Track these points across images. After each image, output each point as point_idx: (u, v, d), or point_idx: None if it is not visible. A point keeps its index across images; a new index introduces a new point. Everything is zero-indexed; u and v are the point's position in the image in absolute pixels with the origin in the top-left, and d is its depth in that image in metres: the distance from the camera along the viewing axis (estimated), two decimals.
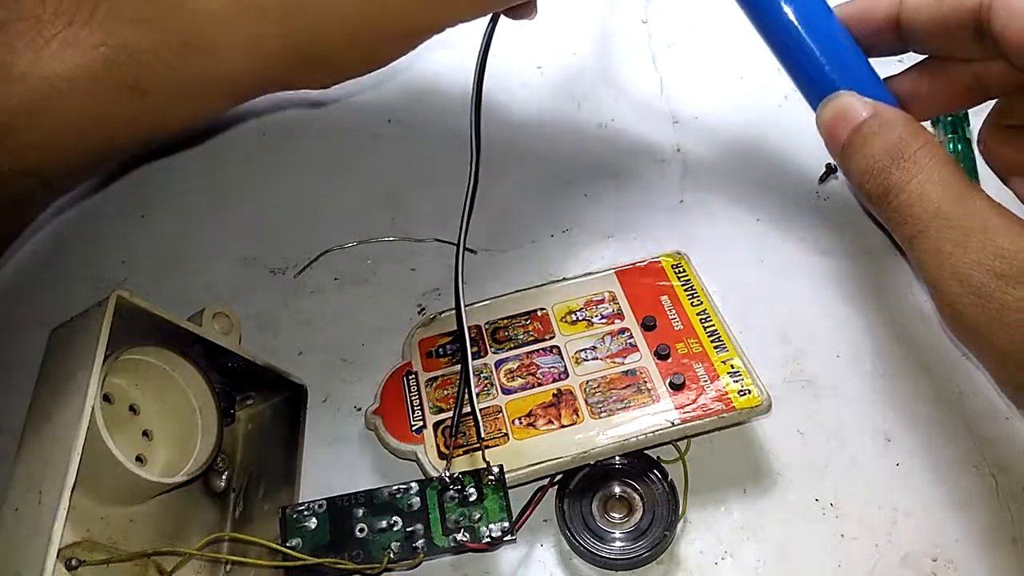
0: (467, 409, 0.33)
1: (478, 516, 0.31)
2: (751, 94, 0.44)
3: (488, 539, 0.30)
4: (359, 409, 0.36)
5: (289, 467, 0.34)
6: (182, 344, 0.32)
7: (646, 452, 0.33)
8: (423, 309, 0.39)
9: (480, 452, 0.32)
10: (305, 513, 0.31)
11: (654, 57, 0.45)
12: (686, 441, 0.33)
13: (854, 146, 0.32)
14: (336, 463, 0.35)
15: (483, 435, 0.33)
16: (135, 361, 0.31)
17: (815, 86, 0.35)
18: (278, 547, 0.30)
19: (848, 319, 0.37)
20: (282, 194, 0.43)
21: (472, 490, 0.31)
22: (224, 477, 0.34)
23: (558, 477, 0.33)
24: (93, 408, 0.28)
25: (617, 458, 0.33)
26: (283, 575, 0.31)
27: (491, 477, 0.31)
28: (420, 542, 0.30)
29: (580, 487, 0.33)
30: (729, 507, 0.33)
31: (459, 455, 0.33)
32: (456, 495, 0.31)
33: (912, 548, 0.32)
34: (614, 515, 0.32)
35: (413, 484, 0.31)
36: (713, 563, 0.32)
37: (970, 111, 0.40)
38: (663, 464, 0.33)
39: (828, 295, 0.38)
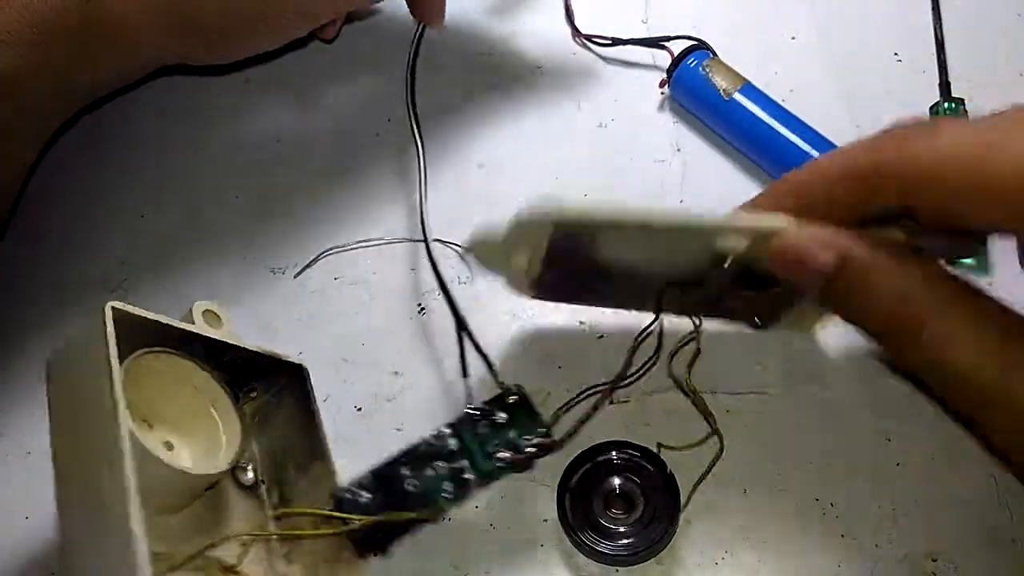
0: None
1: (514, 435, 0.32)
2: None
3: (531, 448, 0.32)
4: (359, 409, 0.36)
5: (314, 440, 0.34)
6: (179, 345, 0.32)
7: (650, 448, 0.33)
8: (423, 309, 0.39)
9: (494, 377, 0.33)
10: (356, 489, 0.32)
11: (654, 57, 0.45)
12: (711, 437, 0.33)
13: (845, 304, 0.27)
14: (336, 462, 0.35)
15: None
16: (136, 373, 0.31)
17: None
18: (339, 515, 0.31)
19: None
20: (282, 194, 0.43)
21: (500, 414, 0.32)
22: (250, 470, 0.34)
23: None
24: (130, 428, 0.27)
25: (614, 452, 0.33)
26: (349, 546, 0.31)
27: (513, 397, 0.33)
28: (469, 475, 0.31)
29: (581, 483, 0.33)
30: (729, 507, 0.33)
31: None
32: (487, 424, 0.32)
33: (912, 548, 0.32)
34: (615, 511, 0.32)
35: (444, 428, 0.32)
36: (713, 563, 0.32)
37: None
38: (663, 455, 0.33)
39: None
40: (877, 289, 0.26)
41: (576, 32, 0.46)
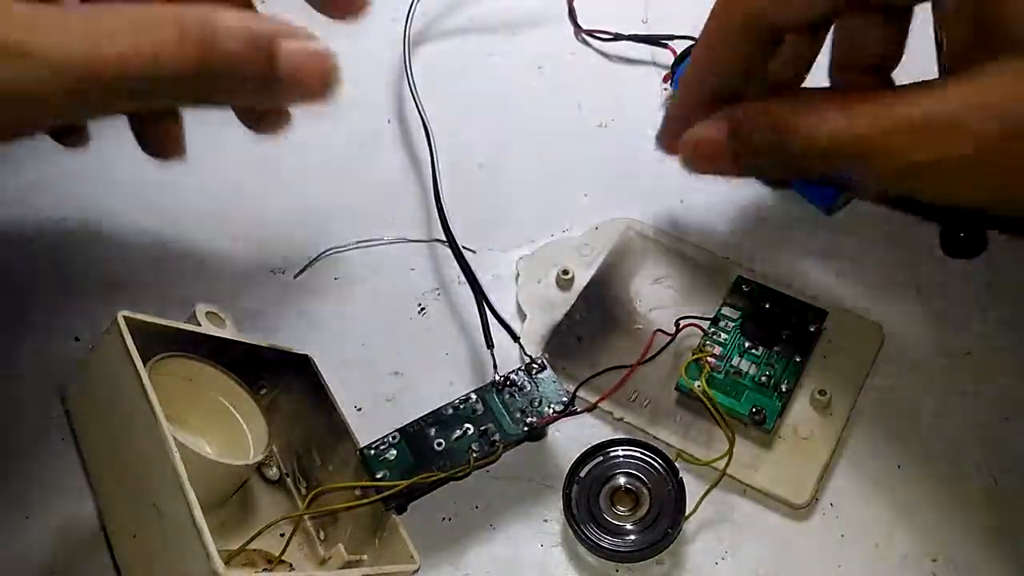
0: None
1: (539, 401, 0.33)
2: None
3: (554, 412, 0.33)
4: (359, 409, 0.36)
5: (334, 424, 0.34)
6: (188, 349, 0.32)
7: (660, 449, 0.33)
8: (423, 309, 0.39)
9: (521, 349, 0.35)
10: (382, 447, 0.33)
11: (654, 56, 0.45)
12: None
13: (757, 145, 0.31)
14: None
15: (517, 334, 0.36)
16: (153, 379, 0.30)
17: None
18: (371, 483, 0.32)
19: None
20: (282, 194, 0.43)
21: (526, 382, 0.34)
22: (274, 465, 0.35)
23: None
24: (170, 432, 0.27)
25: (620, 449, 0.33)
26: (381, 509, 0.32)
27: (536, 365, 0.34)
28: (496, 436, 0.33)
29: (589, 477, 0.33)
30: (729, 507, 0.33)
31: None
32: (513, 391, 0.34)
33: (912, 548, 0.32)
34: (620, 508, 0.32)
35: (471, 394, 0.34)
36: (713, 563, 0.32)
37: None
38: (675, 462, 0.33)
39: (832, 298, 0.38)
40: (757, 122, 0.31)
41: (578, 28, 0.46)
